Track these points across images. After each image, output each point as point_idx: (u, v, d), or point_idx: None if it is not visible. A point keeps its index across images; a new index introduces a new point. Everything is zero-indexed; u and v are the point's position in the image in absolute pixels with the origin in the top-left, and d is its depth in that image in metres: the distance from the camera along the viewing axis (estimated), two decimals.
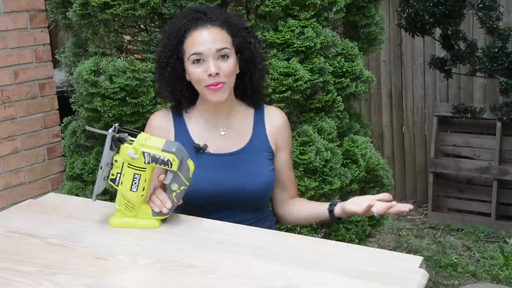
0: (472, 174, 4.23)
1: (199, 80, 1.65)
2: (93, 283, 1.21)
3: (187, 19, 1.67)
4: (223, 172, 1.69)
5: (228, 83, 1.65)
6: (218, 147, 1.72)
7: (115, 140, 1.46)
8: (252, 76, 1.74)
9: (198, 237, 1.42)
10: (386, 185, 2.68)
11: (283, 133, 1.80)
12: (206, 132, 1.73)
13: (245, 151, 1.73)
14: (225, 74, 1.63)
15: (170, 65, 1.68)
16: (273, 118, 1.79)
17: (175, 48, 1.67)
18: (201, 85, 1.65)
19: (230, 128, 1.74)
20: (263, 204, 1.80)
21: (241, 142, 1.73)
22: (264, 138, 1.76)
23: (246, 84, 1.74)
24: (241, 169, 1.70)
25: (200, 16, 1.66)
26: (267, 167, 1.75)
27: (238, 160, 1.71)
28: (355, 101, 2.64)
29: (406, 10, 3.34)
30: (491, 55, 3.18)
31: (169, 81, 1.71)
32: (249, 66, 1.72)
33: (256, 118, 1.77)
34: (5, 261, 1.30)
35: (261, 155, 1.74)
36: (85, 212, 1.57)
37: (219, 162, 1.70)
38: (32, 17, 3.29)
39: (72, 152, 2.68)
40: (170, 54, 1.68)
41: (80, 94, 2.43)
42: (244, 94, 1.76)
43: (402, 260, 1.30)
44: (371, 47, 2.71)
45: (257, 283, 1.19)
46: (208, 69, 1.62)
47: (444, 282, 3.41)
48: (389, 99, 4.67)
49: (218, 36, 1.64)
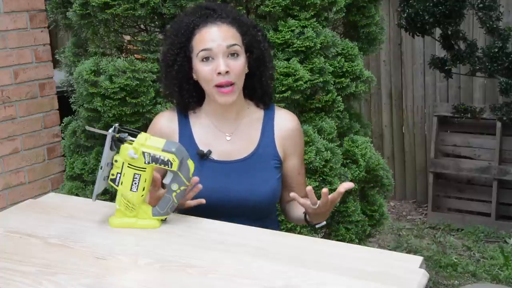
0: (472, 174, 4.23)
1: (207, 79, 1.58)
2: (93, 283, 1.21)
3: (196, 16, 1.61)
4: (226, 180, 1.63)
5: (238, 84, 1.60)
6: (223, 154, 1.66)
7: (115, 140, 1.46)
8: (262, 76, 1.67)
9: (198, 237, 1.42)
10: (386, 185, 2.68)
11: (293, 139, 1.71)
12: (211, 136, 1.67)
13: (251, 158, 1.66)
14: (235, 73, 1.57)
15: (177, 63, 1.62)
16: (283, 122, 1.71)
17: (182, 45, 1.61)
18: (209, 85, 1.59)
19: (236, 133, 1.68)
20: (267, 213, 1.73)
21: (247, 149, 1.67)
22: (272, 144, 1.68)
23: (256, 84, 1.67)
24: (246, 178, 1.63)
25: (209, 13, 1.61)
26: (274, 175, 1.68)
27: (243, 169, 1.64)
28: (355, 101, 2.64)
29: (406, 10, 3.34)
30: (491, 55, 3.18)
31: (176, 80, 1.64)
32: (259, 66, 1.66)
33: (265, 121, 1.70)
34: (5, 261, 1.30)
35: (268, 163, 1.67)
36: (85, 212, 1.57)
37: (223, 169, 1.64)
38: (32, 17, 3.29)
39: (72, 152, 2.68)
40: (178, 52, 1.61)
41: (80, 94, 2.43)
42: (253, 94, 1.70)
43: (402, 260, 1.29)
44: (371, 47, 2.71)
45: (257, 283, 1.19)
46: (217, 67, 1.55)
47: (444, 282, 3.41)
48: (389, 99, 4.67)
49: (229, 33, 1.58)
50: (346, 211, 2.48)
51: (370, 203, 2.66)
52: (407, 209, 4.61)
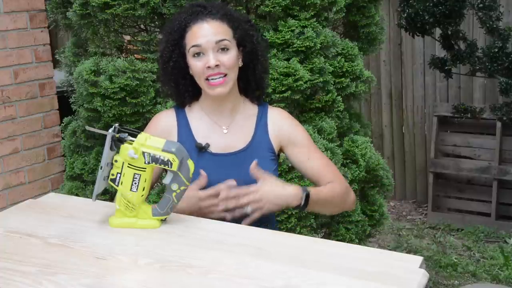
0: (472, 174, 4.23)
1: (199, 73, 1.65)
2: (93, 283, 1.21)
3: (187, 14, 1.68)
4: (225, 172, 1.67)
5: (230, 76, 1.65)
6: (220, 146, 1.71)
7: (115, 140, 1.46)
8: (255, 69, 1.73)
9: (198, 237, 1.42)
10: (386, 185, 2.68)
11: (285, 130, 1.76)
12: (208, 129, 1.73)
13: (248, 149, 1.71)
14: (226, 66, 1.63)
15: (173, 59, 1.69)
16: (276, 117, 1.77)
17: (176, 43, 1.68)
18: (201, 79, 1.66)
19: (232, 126, 1.73)
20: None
21: (244, 140, 1.72)
22: (266, 137, 1.74)
23: (250, 77, 1.74)
24: (243, 169, 1.66)
25: (200, 10, 1.67)
26: (271, 166, 1.72)
27: (240, 160, 1.69)
28: (355, 101, 2.64)
29: (406, 10, 3.34)
30: (491, 55, 3.18)
31: (173, 76, 1.72)
32: (252, 59, 1.72)
33: (259, 116, 1.76)
34: (5, 261, 1.30)
35: (263, 154, 1.72)
36: (85, 212, 1.57)
37: (221, 162, 1.69)
38: (32, 17, 3.29)
39: (72, 152, 2.68)
40: (173, 49, 1.69)
41: (80, 94, 2.43)
42: (247, 88, 1.76)
43: (402, 260, 1.29)
44: (371, 47, 2.71)
45: (257, 283, 1.19)
46: (208, 61, 1.62)
47: (444, 282, 3.41)
48: (389, 99, 4.67)
49: (218, 29, 1.65)
50: (346, 211, 2.48)
51: (370, 203, 2.66)
52: (407, 209, 4.61)
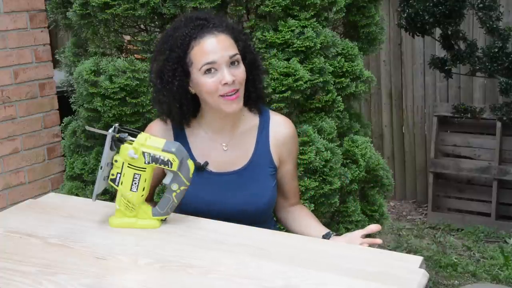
0: (472, 174, 4.23)
1: (211, 90, 1.56)
2: (93, 283, 1.21)
3: (190, 28, 1.58)
4: (224, 192, 1.64)
5: (241, 90, 1.59)
6: (220, 165, 1.66)
7: (115, 140, 1.46)
8: (256, 80, 1.68)
9: (198, 237, 1.42)
10: (386, 185, 2.68)
11: (288, 145, 1.72)
12: (208, 147, 1.67)
13: (248, 168, 1.67)
14: (239, 81, 1.57)
15: (177, 78, 1.58)
16: (278, 129, 1.71)
17: (179, 60, 1.57)
18: (214, 96, 1.57)
19: (232, 143, 1.68)
20: (264, 219, 1.73)
21: (244, 157, 1.67)
22: (267, 152, 1.69)
23: (250, 88, 1.66)
24: (243, 189, 1.64)
25: (203, 23, 1.58)
26: (270, 184, 1.69)
27: (240, 180, 1.66)
28: (355, 101, 2.64)
29: (406, 10, 3.34)
30: (491, 55, 3.18)
31: (177, 96, 1.60)
32: (252, 70, 1.65)
33: (260, 128, 1.70)
34: (5, 261, 1.30)
35: (264, 171, 1.68)
36: (85, 212, 1.57)
37: (220, 181, 1.65)
38: (32, 17, 3.29)
39: (72, 152, 2.68)
40: (175, 67, 1.58)
41: (80, 94, 2.43)
42: (248, 99, 1.68)
43: (402, 260, 1.30)
44: (371, 47, 2.71)
45: (257, 283, 1.19)
46: (223, 78, 1.54)
47: (444, 282, 3.41)
48: (389, 99, 4.67)
49: (226, 42, 1.57)
50: (346, 211, 2.48)
51: (370, 203, 2.66)
52: (407, 209, 4.61)
